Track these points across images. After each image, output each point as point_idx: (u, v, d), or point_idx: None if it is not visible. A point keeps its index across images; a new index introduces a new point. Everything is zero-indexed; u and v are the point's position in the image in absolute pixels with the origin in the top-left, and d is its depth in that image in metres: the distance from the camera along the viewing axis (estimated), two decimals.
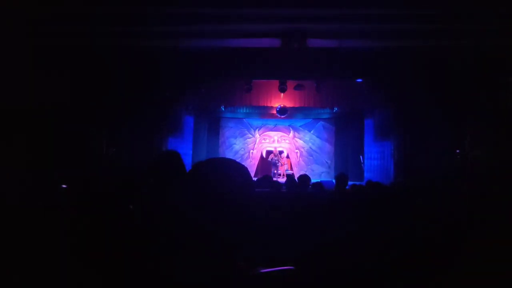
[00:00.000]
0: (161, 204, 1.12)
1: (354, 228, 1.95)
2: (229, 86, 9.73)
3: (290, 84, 9.48)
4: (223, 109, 11.19)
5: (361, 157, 10.83)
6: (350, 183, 4.23)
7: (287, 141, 12.65)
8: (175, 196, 0.90)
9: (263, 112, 11.56)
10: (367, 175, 10.13)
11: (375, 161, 9.66)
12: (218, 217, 0.84)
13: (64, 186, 3.13)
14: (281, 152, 12.14)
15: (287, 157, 12.01)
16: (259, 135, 12.73)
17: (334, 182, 4.05)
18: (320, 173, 12.21)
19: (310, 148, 12.55)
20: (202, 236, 0.84)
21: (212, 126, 12.40)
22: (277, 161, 11.50)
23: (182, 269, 0.81)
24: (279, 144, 12.60)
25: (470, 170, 6.45)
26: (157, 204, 1.23)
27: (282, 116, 10.73)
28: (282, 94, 9.82)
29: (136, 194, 2.29)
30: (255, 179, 5.99)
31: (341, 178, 3.92)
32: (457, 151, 6.84)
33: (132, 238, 1.17)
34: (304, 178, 4.01)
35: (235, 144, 12.65)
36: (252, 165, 12.55)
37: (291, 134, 12.68)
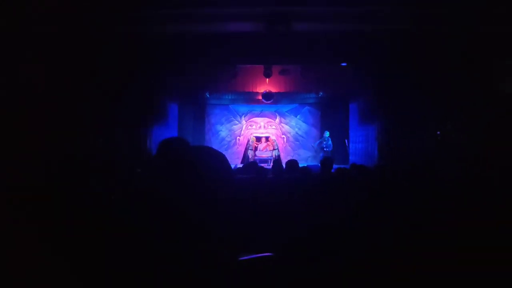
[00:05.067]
0: (140, 193, 1.10)
1: (339, 212, 1.97)
2: (213, 72, 9.58)
3: (275, 69, 9.39)
4: (208, 96, 11.04)
5: (346, 141, 10.94)
6: (335, 166, 4.27)
7: (273, 126, 12.64)
8: (153, 184, 0.89)
9: (249, 98, 11.46)
10: (352, 158, 10.28)
11: (359, 144, 9.79)
12: (197, 205, 0.83)
13: (47, 177, 3.03)
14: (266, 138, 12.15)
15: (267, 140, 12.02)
16: (246, 121, 12.66)
17: (320, 166, 4.07)
18: (306, 158, 12.32)
19: (297, 133, 12.59)
20: (181, 225, 0.83)
21: (198, 113, 12.25)
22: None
23: (161, 259, 0.81)
24: (266, 130, 12.58)
25: (451, 153, 6.61)
26: (136, 193, 1.20)
27: (268, 102, 10.67)
28: (267, 79, 9.73)
29: (119, 183, 2.25)
30: (241, 165, 5.97)
31: (326, 162, 3.95)
32: (438, 132, 6.99)
33: (113, 229, 1.15)
34: (292, 163, 4.01)
35: (221, 131, 12.57)
36: (239, 152, 12.53)
37: (278, 119, 12.67)
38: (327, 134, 10.90)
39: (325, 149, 10.79)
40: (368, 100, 9.10)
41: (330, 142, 10.74)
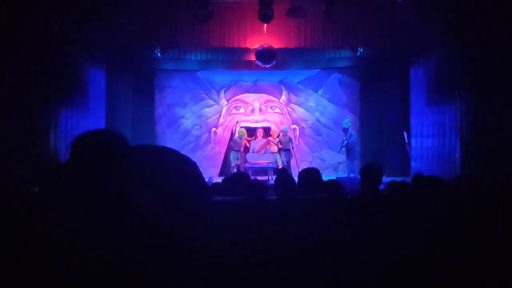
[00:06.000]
0: (41, 230, 1.10)
1: (396, 263, 1.98)
2: (168, 13, 9.54)
3: (279, 6, 9.39)
4: (159, 54, 10.99)
5: (405, 133, 11.00)
6: (386, 179, 4.29)
7: (277, 109, 12.66)
8: (64, 214, 0.89)
9: (233, 59, 11.44)
10: (415, 165, 10.34)
11: (429, 139, 9.84)
12: (144, 251, 0.84)
13: None
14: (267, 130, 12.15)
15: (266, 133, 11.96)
16: (227, 100, 12.66)
17: (360, 179, 4.10)
18: (336, 165, 12.36)
19: (318, 120, 12.62)
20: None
21: (141, 87, 12.18)
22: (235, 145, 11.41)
23: None
24: (263, 115, 12.59)
25: None
26: (33, 230, 1.20)
27: (267, 66, 10.66)
28: (265, 25, 9.74)
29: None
30: (220, 179, 5.99)
31: (371, 171, 3.96)
32: None
33: None
34: (311, 174, 4.02)
35: (183, 118, 12.55)
36: (216, 154, 12.52)
37: (284, 96, 12.68)
38: (347, 123, 11.02)
39: (344, 147, 10.92)
40: (444, 62, 9.15)
41: (351, 132, 10.95)
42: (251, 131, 12.00)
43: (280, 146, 11.25)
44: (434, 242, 2.26)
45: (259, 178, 9.73)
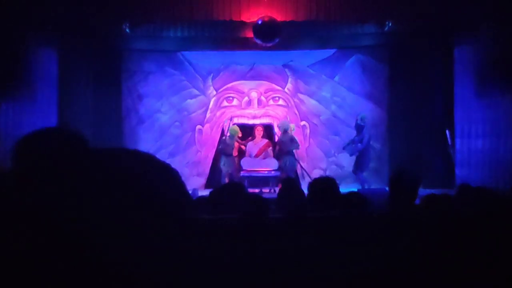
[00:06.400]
0: None
1: None
2: None
3: None
4: (128, 30, 10.99)
5: (447, 132, 11.00)
6: (423, 192, 4.30)
7: (280, 101, 12.67)
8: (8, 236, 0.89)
9: (224, 37, 11.48)
10: (460, 172, 10.37)
11: (478, 140, 9.84)
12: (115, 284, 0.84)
13: None
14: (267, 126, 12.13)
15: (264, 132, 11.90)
16: (216, 90, 12.68)
17: (389, 192, 4.11)
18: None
19: (334, 116, 12.63)
20: None
21: (105, 72, 12.14)
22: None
23: None
24: (263, 109, 12.60)
25: None
26: None
27: (268, 45, 10.67)
28: None
29: None
30: (207, 192, 6.01)
31: (403, 182, 3.97)
32: None
33: None
34: (325, 185, 4.03)
35: (160, 112, 12.56)
36: (202, 160, 12.53)
37: (290, 84, 12.69)
38: (362, 119, 10.71)
39: (352, 152, 10.80)
40: (497, 40, 9.16)
41: (364, 135, 10.74)
42: (248, 130, 11.97)
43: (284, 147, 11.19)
44: (487, 271, 2.26)
45: (257, 190, 9.75)
